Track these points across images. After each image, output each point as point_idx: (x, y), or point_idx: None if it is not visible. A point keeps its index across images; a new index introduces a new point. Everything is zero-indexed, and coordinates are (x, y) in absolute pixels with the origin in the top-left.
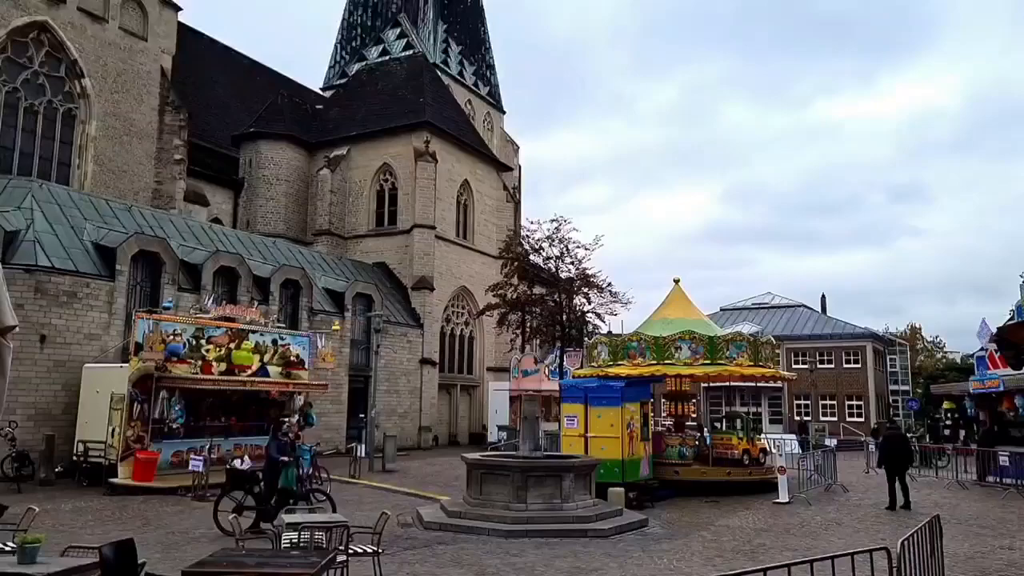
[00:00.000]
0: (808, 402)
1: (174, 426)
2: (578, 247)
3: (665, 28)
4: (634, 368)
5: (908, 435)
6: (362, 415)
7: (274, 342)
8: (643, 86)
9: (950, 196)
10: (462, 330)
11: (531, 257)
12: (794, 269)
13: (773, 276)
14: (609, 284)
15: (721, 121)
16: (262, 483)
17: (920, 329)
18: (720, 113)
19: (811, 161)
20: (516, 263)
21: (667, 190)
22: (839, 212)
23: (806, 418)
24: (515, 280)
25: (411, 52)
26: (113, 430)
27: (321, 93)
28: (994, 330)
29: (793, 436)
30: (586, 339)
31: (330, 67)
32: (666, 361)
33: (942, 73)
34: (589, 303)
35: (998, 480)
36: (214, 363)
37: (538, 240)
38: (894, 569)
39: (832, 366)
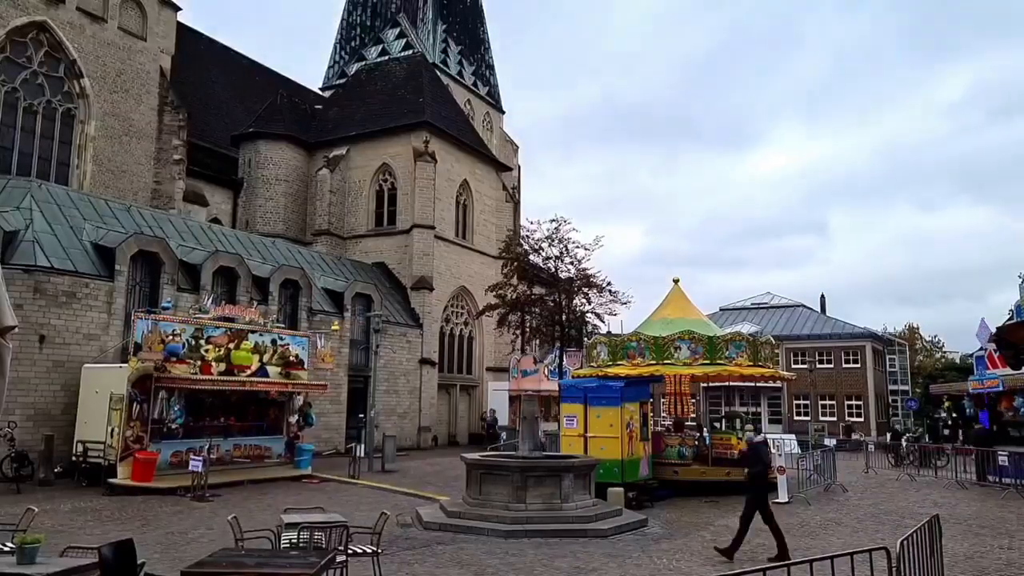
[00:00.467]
0: (807, 402)
1: (173, 426)
2: (577, 247)
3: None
4: (633, 368)
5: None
6: (361, 415)
7: (273, 342)
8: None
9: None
10: (461, 330)
11: (531, 257)
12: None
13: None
14: (608, 284)
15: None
16: None
17: (919, 329)
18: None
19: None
20: (515, 263)
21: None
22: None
23: (806, 417)
24: (515, 280)
25: (410, 52)
26: (112, 430)
27: (320, 93)
28: (993, 330)
29: (793, 436)
30: (585, 339)
31: (329, 67)
32: (665, 361)
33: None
34: (589, 303)
35: (997, 480)
36: (213, 363)
37: (537, 240)
38: (893, 569)
39: (831, 366)
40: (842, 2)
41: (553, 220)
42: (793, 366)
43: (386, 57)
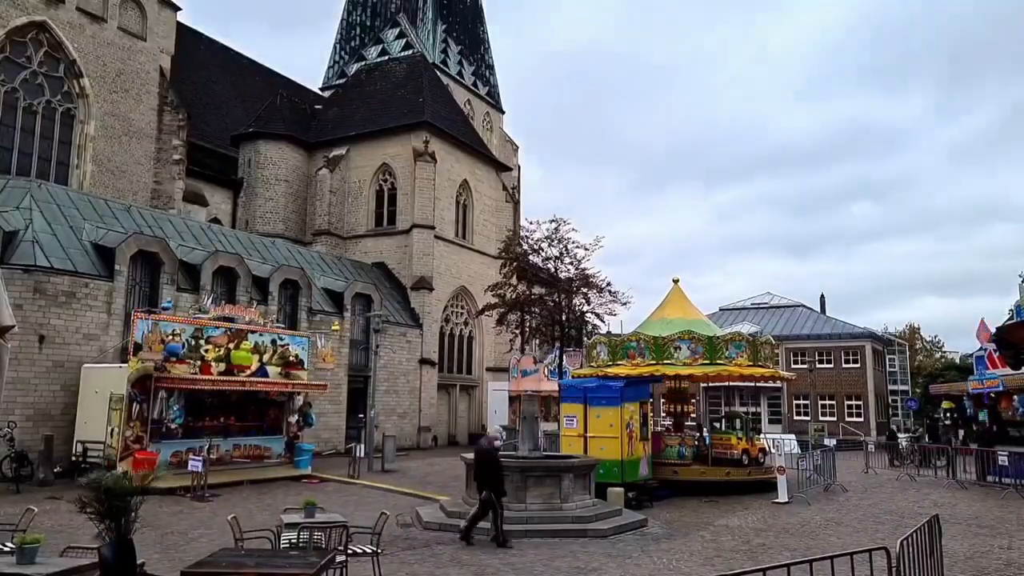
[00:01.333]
0: (807, 402)
1: (173, 426)
2: (577, 247)
3: None
4: (633, 368)
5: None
6: (361, 415)
7: (273, 342)
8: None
9: None
10: (461, 330)
11: (530, 257)
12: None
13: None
14: (608, 284)
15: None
16: None
17: (919, 329)
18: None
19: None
20: (515, 263)
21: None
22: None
23: (806, 417)
24: (514, 280)
25: (410, 52)
26: (112, 430)
27: (320, 93)
28: (993, 330)
29: (793, 436)
30: (585, 339)
31: (329, 67)
32: (665, 361)
33: None
34: (588, 303)
35: (997, 480)
36: (213, 363)
37: (537, 240)
38: (893, 569)
39: (831, 366)
40: None
41: (553, 220)
42: (793, 366)
43: (386, 57)
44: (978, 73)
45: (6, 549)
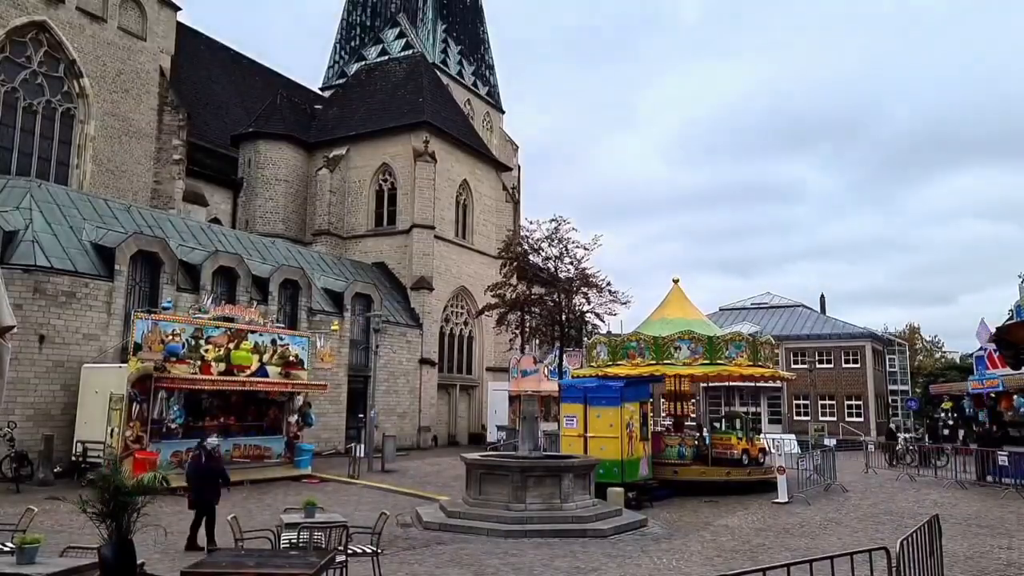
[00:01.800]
0: (807, 402)
1: (173, 426)
2: (577, 247)
3: None
4: (633, 368)
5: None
6: (361, 415)
7: (273, 342)
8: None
9: None
10: (461, 330)
11: (530, 257)
12: None
13: None
14: (608, 284)
15: None
16: None
17: (919, 329)
18: None
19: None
20: (515, 263)
21: None
22: None
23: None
24: (514, 280)
25: (410, 52)
26: (112, 430)
27: (320, 93)
28: (993, 330)
29: (793, 436)
30: (585, 339)
31: (329, 67)
32: (665, 361)
33: None
34: (588, 303)
35: (997, 480)
36: (213, 363)
37: (537, 240)
38: (893, 569)
39: (831, 366)
40: None
41: (553, 220)
42: (793, 366)
43: (386, 57)
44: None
45: (6, 549)
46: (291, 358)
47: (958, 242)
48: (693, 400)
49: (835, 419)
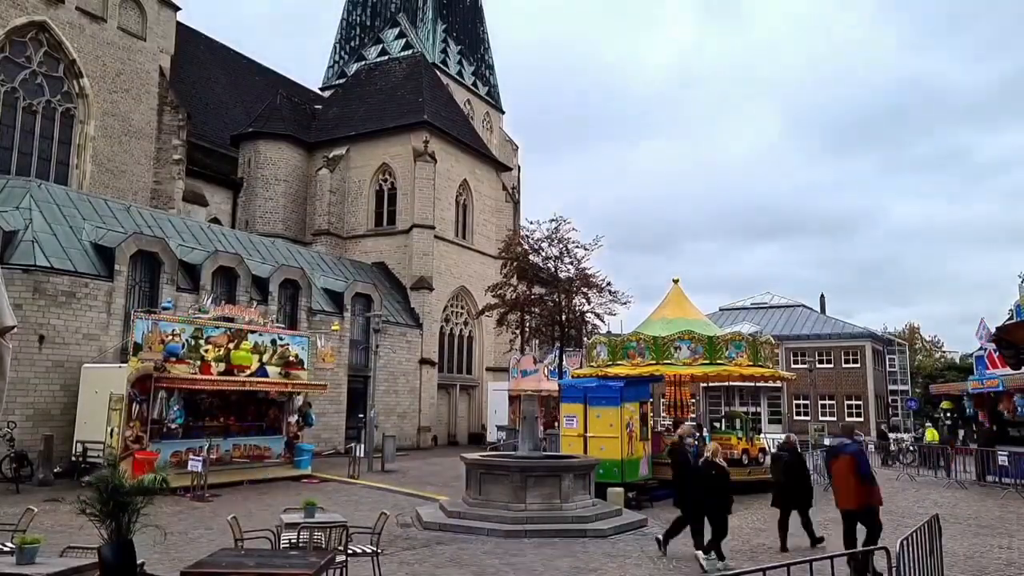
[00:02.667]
0: (807, 402)
1: (173, 426)
2: (577, 247)
3: None
4: (633, 368)
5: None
6: (361, 415)
7: (273, 342)
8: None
9: None
10: (461, 330)
11: (530, 257)
12: None
13: None
14: (608, 284)
15: None
16: None
17: (919, 328)
18: None
19: None
20: (515, 263)
21: None
22: None
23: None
24: (514, 280)
25: (410, 52)
26: (112, 430)
27: (320, 93)
28: (993, 330)
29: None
30: (585, 339)
31: (329, 67)
32: (665, 361)
33: None
34: (588, 303)
35: (997, 480)
36: (213, 363)
37: (537, 240)
38: (893, 568)
39: (831, 366)
40: None
41: (553, 220)
42: (793, 366)
43: (386, 57)
44: None
45: (6, 549)
46: (291, 358)
47: None
48: (693, 400)
49: (835, 419)
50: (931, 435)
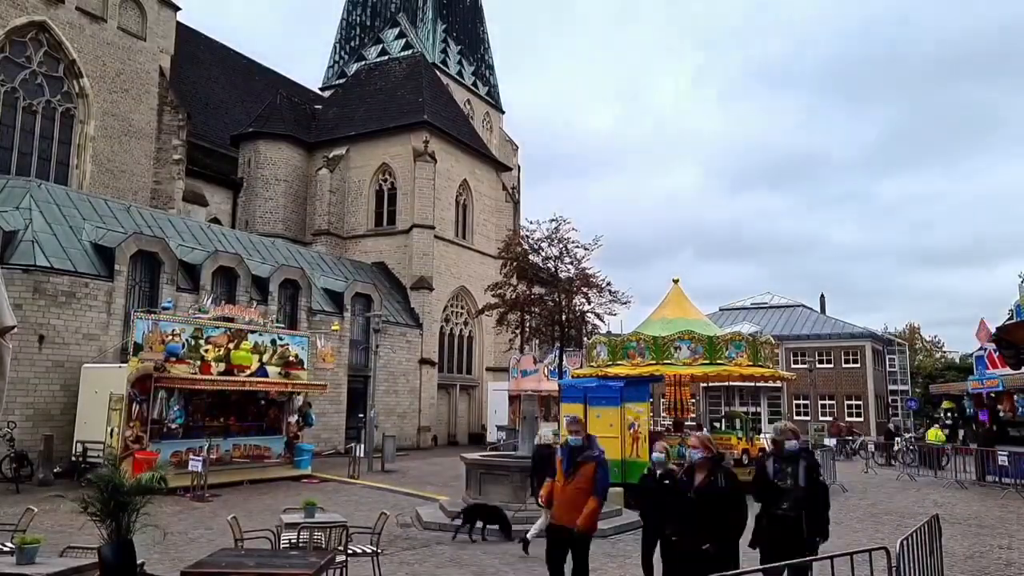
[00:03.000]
0: (807, 402)
1: (173, 426)
2: (577, 247)
3: None
4: (633, 368)
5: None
6: (361, 415)
7: (273, 342)
8: None
9: None
10: (461, 330)
11: (530, 257)
12: None
13: None
14: (608, 284)
15: None
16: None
17: (919, 328)
18: None
19: None
20: (515, 263)
21: None
22: None
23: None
24: (514, 280)
25: (410, 52)
26: (112, 430)
27: (320, 93)
28: (993, 330)
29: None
30: (585, 339)
31: (329, 67)
32: (665, 361)
33: None
34: (588, 303)
35: (997, 480)
36: (213, 363)
37: (537, 240)
38: (893, 569)
39: (831, 366)
40: None
41: (553, 220)
42: (793, 366)
43: (386, 57)
44: None
45: (6, 549)
46: (291, 358)
47: None
48: (693, 400)
49: (835, 419)
50: (933, 435)
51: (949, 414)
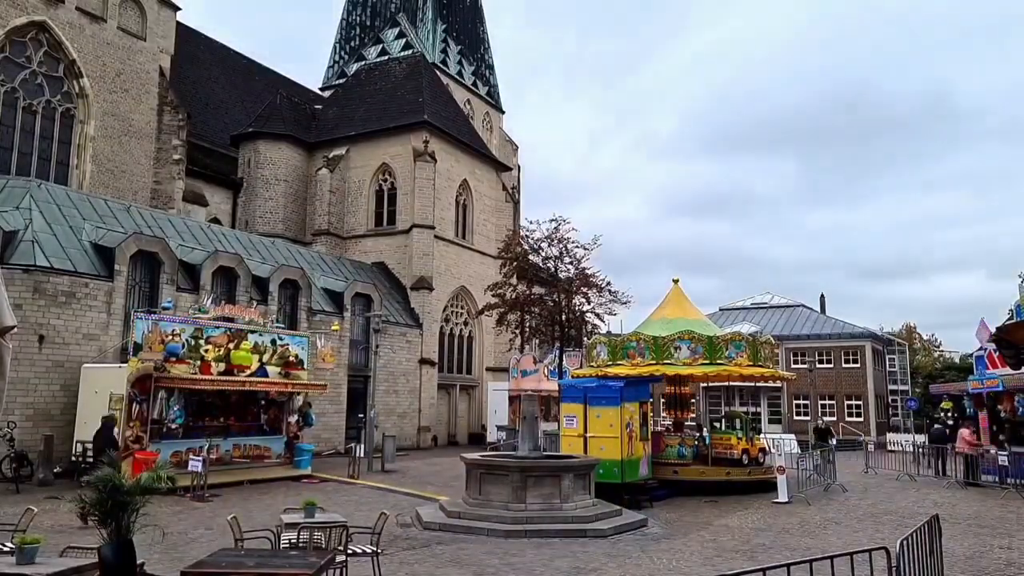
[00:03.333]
0: (807, 402)
1: (173, 426)
2: (577, 247)
3: None
4: (633, 368)
5: None
6: (361, 415)
7: (273, 342)
8: None
9: None
10: (461, 330)
11: (530, 257)
12: None
13: None
14: (608, 283)
15: None
16: None
17: (915, 328)
18: None
19: None
20: (515, 263)
21: None
22: None
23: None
24: (514, 280)
25: (410, 52)
26: None
27: (320, 93)
28: (993, 330)
29: (792, 436)
30: (585, 339)
31: (329, 67)
32: (665, 361)
33: None
34: (588, 303)
35: (996, 480)
36: (213, 363)
37: (537, 240)
38: (893, 569)
39: (831, 366)
40: None
41: (553, 220)
42: (793, 366)
43: (386, 57)
44: None
45: (6, 549)
46: (291, 358)
47: None
48: (693, 400)
49: (835, 419)
50: None
51: (948, 414)
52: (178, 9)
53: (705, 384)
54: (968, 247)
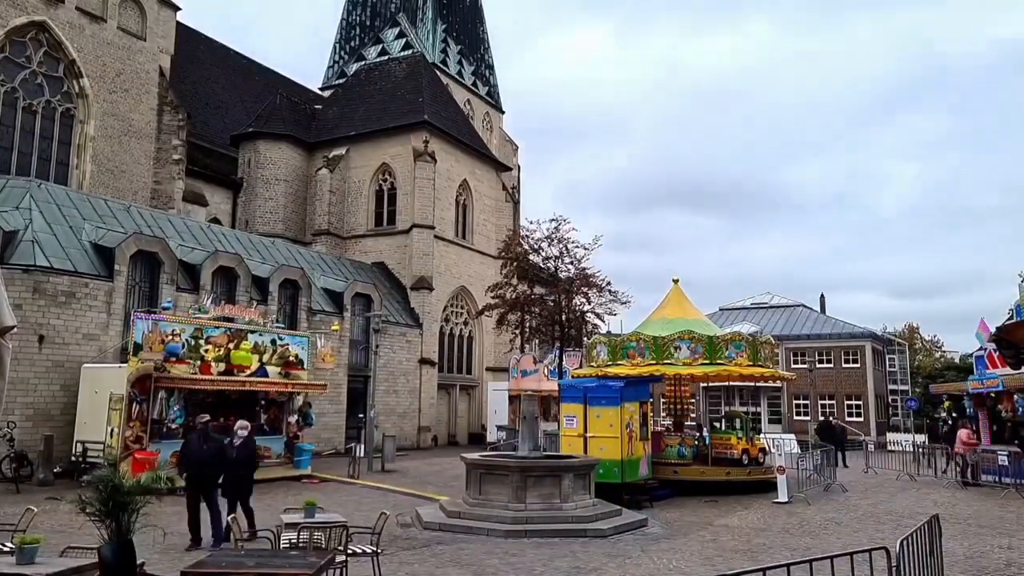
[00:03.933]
0: (807, 402)
1: (173, 426)
2: (577, 247)
3: None
4: (633, 368)
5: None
6: (361, 415)
7: (273, 342)
8: None
9: None
10: (461, 330)
11: (530, 257)
12: None
13: None
14: (608, 284)
15: None
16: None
17: (918, 328)
18: None
19: None
20: (515, 263)
21: None
22: None
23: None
24: (514, 280)
25: (410, 52)
26: (112, 430)
27: (320, 93)
28: (993, 329)
29: (792, 436)
30: (585, 339)
31: (329, 67)
32: (665, 361)
33: None
34: (588, 303)
35: (996, 480)
36: (213, 363)
37: (537, 240)
38: (893, 569)
39: (831, 366)
40: None
41: (553, 220)
42: (793, 366)
43: (386, 57)
44: None
45: (6, 549)
46: (291, 358)
47: None
48: (693, 400)
49: (835, 419)
50: None
51: (948, 414)
52: (178, 9)
53: (705, 384)
54: None
